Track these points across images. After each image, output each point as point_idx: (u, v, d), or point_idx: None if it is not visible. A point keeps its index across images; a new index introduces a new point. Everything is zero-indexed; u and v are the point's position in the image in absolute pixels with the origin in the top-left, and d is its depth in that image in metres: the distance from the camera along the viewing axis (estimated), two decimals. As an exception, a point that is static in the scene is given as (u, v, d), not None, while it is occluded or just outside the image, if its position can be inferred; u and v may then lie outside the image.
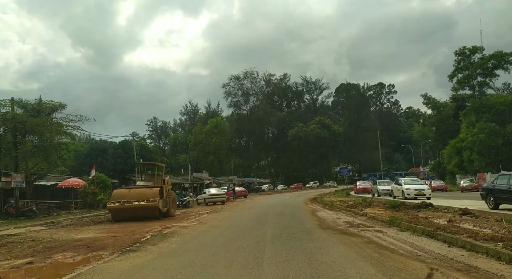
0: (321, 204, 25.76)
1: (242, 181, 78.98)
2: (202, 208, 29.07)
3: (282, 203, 30.30)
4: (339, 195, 37.24)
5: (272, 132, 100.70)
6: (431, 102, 60.79)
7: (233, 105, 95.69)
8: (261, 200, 39.86)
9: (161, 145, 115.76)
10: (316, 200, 31.76)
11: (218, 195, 32.55)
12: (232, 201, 37.01)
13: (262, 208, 24.66)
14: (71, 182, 27.86)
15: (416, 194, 25.00)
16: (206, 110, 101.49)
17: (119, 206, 18.20)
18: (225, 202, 33.28)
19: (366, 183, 43.19)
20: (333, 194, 42.37)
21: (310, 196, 41.18)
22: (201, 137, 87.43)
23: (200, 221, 17.48)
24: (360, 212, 16.65)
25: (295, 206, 25.74)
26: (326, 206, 23.40)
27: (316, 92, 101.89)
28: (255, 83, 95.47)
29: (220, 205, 31.20)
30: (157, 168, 21.79)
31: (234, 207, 28.43)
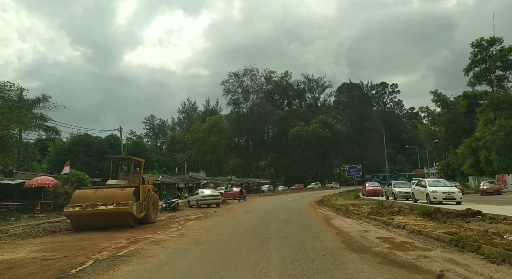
0: (332, 209, 21.60)
1: (241, 181, 74.81)
2: (193, 211, 24.91)
3: (285, 206, 26.15)
4: (348, 198, 33.08)
5: (272, 131, 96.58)
6: (441, 99, 56.61)
7: (232, 103, 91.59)
8: (261, 202, 35.75)
9: (158, 144, 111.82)
10: (323, 203, 27.63)
11: (212, 196, 28.38)
12: (228, 204, 32.87)
13: (263, 213, 20.51)
14: (40, 181, 23.67)
15: (445, 197, 20.87)
16: (204, 108, 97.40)
17: (80, 211, 14.03)
18: (220, 204, 29.14)
19: (376, 184, 39.03)
20: (340, 196, 38.27)
21: (314, 198, 37.05)
22: (199, 136, 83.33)
23: (183, 231, 13.32)
24: (391, 221, 12.51)
25: (302, 211, 21.58)
26: (339, 212, 19.24)
27: (318, 91, 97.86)
28: (255, 80, 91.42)
29: (214, 208, 27.04)
30: (133, 164, 17.59)
31: (230, 210, 24.29)
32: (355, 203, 25.75)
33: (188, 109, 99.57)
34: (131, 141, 70.40)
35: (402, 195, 26.87)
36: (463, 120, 55.69)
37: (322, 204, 27.19)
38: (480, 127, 43.29)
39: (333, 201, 27.70)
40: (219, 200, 28.76)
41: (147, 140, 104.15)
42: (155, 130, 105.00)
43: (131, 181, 17.06)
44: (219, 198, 28.61)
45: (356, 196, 32.77)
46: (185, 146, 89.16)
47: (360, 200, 29.37)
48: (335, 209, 20.84)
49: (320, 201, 31.18)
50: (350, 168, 37.72)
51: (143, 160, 18.92)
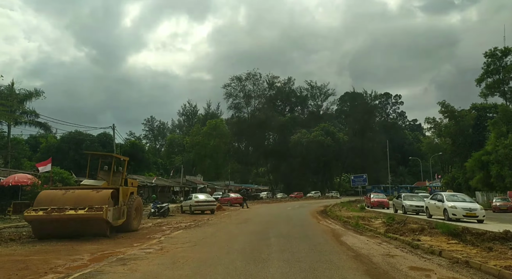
0: (339, 222, 19.17)
1: (239, 187, 72.31)
2: (184, 218, 22.47)
3: (286, 216, 23.72)
4: (352, 209, 30.61)
5: (273, 137, 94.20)
6: (449, 110, 54.34)
7: (233, 107, 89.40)
8: (259, 210, 33.29)
9: (157, 146, 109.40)
10: (327, 214, 25.22)
11: (206, 202, 25.92)
12: (224, 210, 30.42)
13: (261, 224, 18.10)
14: (17, 179, 21.27)
15: (466, 215, 18.50)
16: (205, 112, 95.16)
17: (43, 216, 11.63)
18: (214, 211, 26.70)
19: (381, 195, 36.55)
20: (343, 207, 35.82)
21: (316, 208, 34.63)
22: (198, 139, 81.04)
23: (164, 245, 10.93)
24: (419, 244, 10.12)
25: (304, 222, 19.17)
26: (348, 225, 16.82)
27: (321, 98, 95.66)
28: (258, 85, 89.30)
29: (207, 215, 24.61)
30: (114, 162, 15.20)
31: (225, 219, 21.85)
32: (362, 215, 23.35)
33: (189, 111, 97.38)
34: (129, 142, 68.05)
35: (413, 209, 24.48)
36: (471, 132, 53.35)
37: (326, 215, 24.76)
38: (492, 140, 40.97)
39: (337, 212, 25.27)
40: (214, 207, 26.32)
41: (146, 142, 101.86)
42: (155, 132, 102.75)
43: (110, 182, 14.69)
44: (213, 204, 26.16)
45: (361, 207, 30.33)
46: (184, 149, 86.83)
47: (367, 212, 26.92)
48: (342, 222, 18.42)
49: (323, 212, 28.76)
50: (355, 177, 35.12)
51: (126, 158, 16.59)
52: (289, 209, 33.24)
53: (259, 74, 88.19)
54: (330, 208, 31.81)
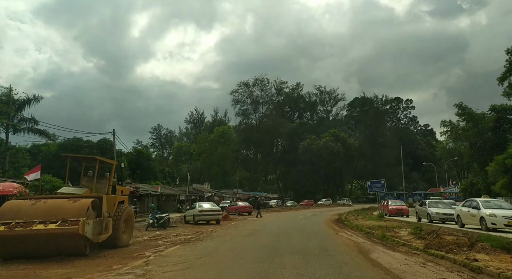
0: (360, 233, 16.73)
1: (247, 195, 69.90)
2: (186, 229, 20.19)
3: (299, 227, 21.29)
4: (370, 218, 28.05)
5: (282, 144, 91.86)
6: (466, 113, 51.51)
7: (241, 114, 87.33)
8: (268, 219, 30.87)
9: (165, 155, 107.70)
10: (343, 223, 22.78)
11: (211, 211, 23.60)
12: (231, 220, 28.05)
13: (271, 236, 15.74)
14: (3, 188, 19.25)
15: (507, 224, 15.93)
16: (212, 119, 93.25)
17: (5, 232, 9.44)
18: (220, 221, 24.38)
19: (399, 202, 33.83)
20: (358, 215, 33.22)
21: (329, 216, 32.13)
22: (206, 146, 79.04)
23: (149, 267, 8.62)
24: (478, 265, 7.69)
25: (321, 234, 16.75)
26: (372, 238, 14.37)
27: (331, 103, 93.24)
28: (265, 90, 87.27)
29: (212, 226, 22.30)
30: (97, 166, 12.94)
31: (231, 230, 19.52)
32: (383, 225, 20.87)
33: (196, 119, 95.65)
34: (134, 150, 66.20)
35: (440, 217, 21.87)
36: (491, 135, 50.38)
37: (343, 224, 22.29)
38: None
39: (355, 221, 22.79)
40: (219, 216, 23.99)
41: (153, 150, 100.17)
42: (162, 140, 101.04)
43: (94, 189, 12.49)
44: (219, 214, 23.83)
45: (380, 215, 27.67)
46: (191, 157, 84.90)
47: (387, 221, 24.36)
48: (364, 234, 15.98)
49: (338, 221, 26.28)
50: (372, 183, 32.31)
51: (114, 162, 14.45)
52: (301, 218, 30.77)
53: (267, 79, 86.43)
54: (345, 216, 29.30)
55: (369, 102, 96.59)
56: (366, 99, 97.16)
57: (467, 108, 51.65)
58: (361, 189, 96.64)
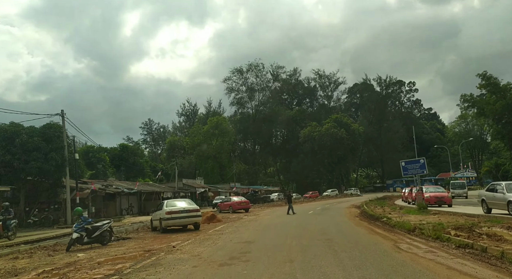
0: (429, 240, 8.93)
1: (246, 189, 62.25)
2: (138, 244, 12.41)
3: (317, 231, 13.33)
4: (406, 210, 20.32)
5: (281, 133, 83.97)
6: (491, 83, 43.74)
7: (236, 103, 79.29)
8: (269, 217, 23.15)
9: (158, 151, 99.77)
10: (380, 221, 14.99)
11: (185, 212, 15.62)
12: (220, 222, 20.25)
13: (275, 255, 7.99)
14: None
15: None
16: (206, 110, 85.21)
17: None
18: (199, 224, 16.57)
19: (438, 189, 25.95)
20: (381, 206, 25.55)
21: (346, 209, 24.62)
22: (200, 139, 71.21)
23: None
24: None
25: (370, 251, 8.88)
26: (467, 253, 6.64)
27: (331, 87, 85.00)
28: (261, 77, 79.05)
29: (186, 234, 14.52)
30: None
31: (209, 242, 11.74)
32: (440, 221, 13.26)
33: (189, 111, 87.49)
34: (119, 145, 58.36)
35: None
36: (520, 108, 42.58)
37: (381, 223, 14.51)
38: None
39: (393, 217, 15.03)
40: (198, 219, 16.09)
41: (145, 147, 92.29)
42: (154, 136, 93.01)
43: None
44: (196, 215, 15.91)
45: (421, 207, 19.80)
46: (184, 152, 77.08)
47: (439, 215, 16.64)
48: (440, 243, 8.24)
49: (365, 216, 18.58)
50: (407, 163, 23.86)
51: None
52: (312, 214, 22.99)
53: (262, 65, 78.24)
54: (372, 209, 21.59)
55: (370, 87, 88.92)
56: (367, 85, 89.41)
57: (492, 78, 43.82)
58: (367, 177, 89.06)
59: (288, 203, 24.55)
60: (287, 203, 24.76)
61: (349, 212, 23.33)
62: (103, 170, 49.09)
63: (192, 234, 14.29)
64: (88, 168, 47.01)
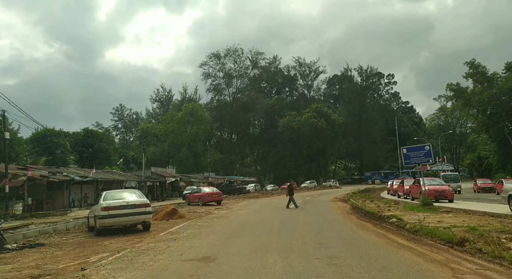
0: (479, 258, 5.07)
1: (221, 180, 58.09)
2: (46, 256, 8.11)
3: (306, 234, 9.38)
4: (407, 207, 16.75)
5: (259, 122, 79.97)
6: (479, 72, 41.03)
7: (213, 89, 74.57)
8: (245, 211, 19.18)
9: (131, 139, 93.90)
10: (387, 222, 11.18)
11: (129, 208, 11.24)
12: (182, 218, 16.10)
13: None
14: None
15: None
16: (181, 97, 80.00)
17: None
18: (149, 224, 12.29)
19: (437, 181, 22.49)
20: (370, 200, 22.07)
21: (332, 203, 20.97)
22: (173, 126, 66.26)
23: None
24: None
25: (392, 273, 5.04)
26: None
27: (311, 76, 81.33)
28: (239, 63, 74.47)
29: (126, 239, 10.31)
30: None
31: (151, 252, 7.71)
32: (470, 223, 9.68)
33: (163, 97, 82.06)
34: (82, 129, 52.87)
35: None
36: (508, 99, 40.05)
37: (388, 224, 10.73)
38: None
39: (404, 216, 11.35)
40: (146, 217, 11.75)
41: (116, 134, 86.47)
42: (126, 122, 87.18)
43: None
44: (144, 212, 11.55)
45: (425, 203, 16.22)
46: (157, 139, 72.01)
47: (455, 214, 13.10)
48: None
49: (358, 212, 14.88)
50: (410, 150, 18.86)
51: None
52: (294, 209, 19.13)
53: (241, 50, 73.55)
54: (364, 204, 17.98)
55: (349, 79, 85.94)
56: (346, 76, 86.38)
57: (480, 67, 41.08)
58: (345, 169, 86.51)
59: (289, 194, 20.56)
60: (287, 194, 20.76)
61: (337, 207, 19.62)
62: (62, 156, 43.78)
63: (134, 239, 10.08)
64: (45, 154, 41.71)
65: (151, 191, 40.34)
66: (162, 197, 41.33)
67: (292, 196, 20.21)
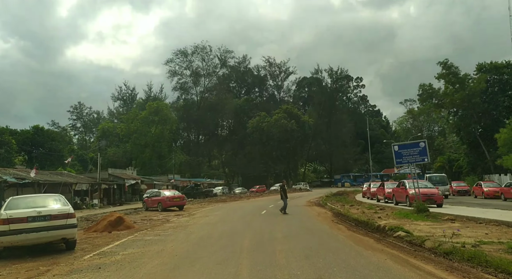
0: None
1: (186, 182, 54.46)
2: None
3: (292, 258, 6.44)
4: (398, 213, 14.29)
5: (227, 123, 76.77)
6: (452, 72, 40.14)
7: (179, 88, 70.57)
8: (208, 220, 16.05)
9: (91, 139, 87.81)
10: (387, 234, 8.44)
11: (38, 220, 7.81)
12: (128, 229, 12.82)
13: None
14: None
15: None
16: (146, 95, 75.46)
17: None
18: (73, 240, 8.92)
19: (425, 183, 20.06)
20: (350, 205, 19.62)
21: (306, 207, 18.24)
22: (136, 126, 61.88)
23: None
24: None
25: None
26: None
27: (282, 77, 79.17)
28: (207, 61, 71.03)
29: (41, 261, 7.00)
30: None
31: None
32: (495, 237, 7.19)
33: (126, 95, 77.10)
34: (32, 127, 47.63)
35: None
36: (480, 100, 39.28)
37: (395, 239, 8.02)
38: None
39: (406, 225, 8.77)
40: (68, 232, 8.18)
41: (74, 134, 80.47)
42: (85, 121, 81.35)
43: None
44: (64, 226, 7.97)
45: (420, 209, 13.62)
46: (119, 139, 67.20)
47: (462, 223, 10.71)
48: None
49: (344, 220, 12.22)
50: (401, 148, 15.25)
51: None
52: (267, 215, 16.22)
53: (209, 47, 70.15)
54: (347, 210, 15.41)
55: (318, 81, 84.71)
56: (315, 79, 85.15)
57: (453, 67, 40.19)
58: (314, 172, 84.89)
59: (282, 198, 16.95)
60: (282, 197, 17.15)
61: (316, 213, 16.96)
62: (6, 155, 38.76)
63: (39, 268, 6.80)
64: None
65: (107, 194, 36.24)
66: (120, 202, 37.34)
67: (286, 200, 17.14)
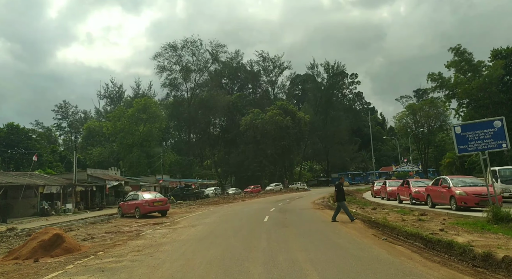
0: None
1: (176, 183, 49.91)
2: None
3: None
4: (462, 222, 9.99)
5: (219, 121, 72.24)
6: (465, 59, 36.23)
7: (168, 84, 65.88)
8: (194, 231, 11.66)
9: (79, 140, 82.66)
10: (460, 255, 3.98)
11: None
12: (54, 258, 8.39)
13: None
14: None
15: None
16: (134, 92, 70.68)
17: None
18: None
19: (470, 180, 15.76)
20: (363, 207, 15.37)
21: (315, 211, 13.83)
22: (123, 124, 57.16)
23: None
24: None
25: None
26: None
27: (276, 72, 74.83)
28: (198, 55, 66.43)
29: None
30: None
31: None
32: None
33: (113, 93, 72.19)
34: (5, 125, 42.72)
35: None
36: (495, 89, 35.41)
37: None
38: None
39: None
40: None
41: (60, 134, 75.32)
42: (71, 120, 76.22)
43: None
44: None
45: (501, 217, 9.48)
46: (105, 139, 62.45)
47: None
48: None
49: (391, 234, 7.88)
50: (465, 129, 9.98)
51: None
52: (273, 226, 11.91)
53: (200, 41, 65.59)
54: (383, 218, 11.14)
55: (313, 78, 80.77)
56: (310, 75, 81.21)
57: (466, 53, 36.27)
58: (310, 170, 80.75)
59: (338, 200, 12.62)
60: (336, 200, 13.01)
61: (339, 220, 12.63)
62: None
63: None
64: None
65: (85, 198, 31.58)
66: (100, 206, 32.73)
67: (343, 202, 12.68)
